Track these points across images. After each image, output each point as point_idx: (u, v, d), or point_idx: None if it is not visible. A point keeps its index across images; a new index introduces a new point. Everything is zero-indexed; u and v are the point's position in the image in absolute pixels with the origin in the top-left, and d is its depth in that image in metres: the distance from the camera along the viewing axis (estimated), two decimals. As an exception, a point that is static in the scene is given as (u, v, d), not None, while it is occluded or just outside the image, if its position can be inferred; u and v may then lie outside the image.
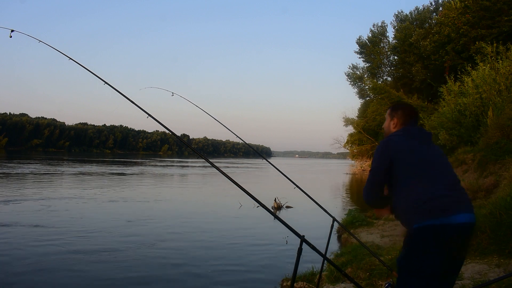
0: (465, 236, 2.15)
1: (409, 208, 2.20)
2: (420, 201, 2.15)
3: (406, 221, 2.25)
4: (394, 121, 2.55)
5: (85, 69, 3.70)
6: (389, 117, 2.60)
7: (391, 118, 2.58)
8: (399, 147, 2.31)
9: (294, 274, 2.60)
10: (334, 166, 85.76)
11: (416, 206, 2.15)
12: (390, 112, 2.61)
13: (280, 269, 6.50)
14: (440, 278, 2.16)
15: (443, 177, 2.24)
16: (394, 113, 2.57)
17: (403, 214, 2.27)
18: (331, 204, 15.17)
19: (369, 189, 2.37)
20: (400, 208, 2.27)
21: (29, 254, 7.07)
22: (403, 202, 2.24)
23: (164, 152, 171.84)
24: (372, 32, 38.03)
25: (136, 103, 3.30)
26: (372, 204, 2.43)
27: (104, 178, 26.16)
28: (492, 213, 4.91)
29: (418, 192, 2.17)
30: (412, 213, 2.17)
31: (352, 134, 47.05)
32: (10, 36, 3.90)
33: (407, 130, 2.43)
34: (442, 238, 2.08)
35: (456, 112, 13.55)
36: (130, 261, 6.94)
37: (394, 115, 2.56)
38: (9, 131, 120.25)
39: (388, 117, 2.61)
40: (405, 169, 2.24)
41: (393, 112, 2.59)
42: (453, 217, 2.09)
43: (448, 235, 2.09)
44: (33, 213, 11.17)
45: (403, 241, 2.28)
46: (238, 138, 5.00)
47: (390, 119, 2.58)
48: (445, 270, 2.15)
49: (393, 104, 2.68)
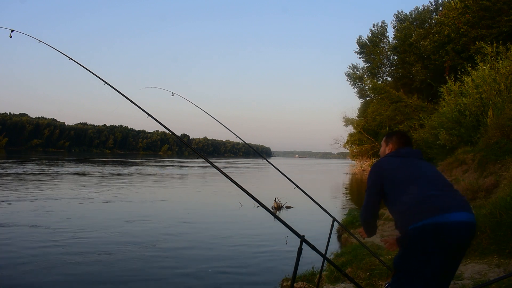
0: (464, 235, 2.14)
1: (404, 212, 2.24)
2: (413, 202, 2.19)
3: (401, 224, 2.28)
4: (389, 147, 2.69)
5: (85, 69, 3.70)
6: (385, 144, 2.75)
7: (386, 144, 2.73)
8: (389, 165, 2.47)
9: (294, 274, 2.60)
10: (334, 166, 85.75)
11: (410, 208, 2.20)
12: (385, 139, 2.77)
13: (280, 269, 6.49)
14: (439, 278, 2.17)
15: (435, 182, 2.31)
16: (389, 140, 2.72)
17: (399, 220, 2.30)
18: (331, 204, 15.17)
19: (365, 208, 2.51)
20: (397, 217, 2.33)
21: (24, 255, 7.06)
22: (398, 210, 2.31)
23: (164, 152, 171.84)
24: (372, 32, 38.06)
25: (136, 103, 3.30)
26: (368, 223, 2.55)
27: (102, 178, 26.16)
28: (492, 213, 4.91)
29: (412, 195, 2.23)
30: (407, 215, 2.21)
31: (352, 134, 47.07)
32: (10, 36, 3.91)
33: (398, 151, 2.60)
34: (439, 237, 2.09)
35: (456, 112, 13.55)
36: (130, 261, 6.94)
37: (389, 141, 2.71)
38: (9, 131, 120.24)
39: (384, 144, 2.76)
40: (395, 182, 2.36)
41: (388, 138, 2.75)
42: (447, 216, 2.10)
43: (445, 233, 2.09)
44: (27, 213, 11.14)
45: (397, 240, 2.30)
46: (238, 138, 5.01)
47: (386, 145, 2.73)
48: (445, 270, 2.16)
49: (387, 133, 2.84)
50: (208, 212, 13.25)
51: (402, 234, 2.25)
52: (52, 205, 12.63)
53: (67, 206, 12.80)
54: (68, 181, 22.21)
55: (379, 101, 35.57)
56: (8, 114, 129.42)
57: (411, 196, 2.24)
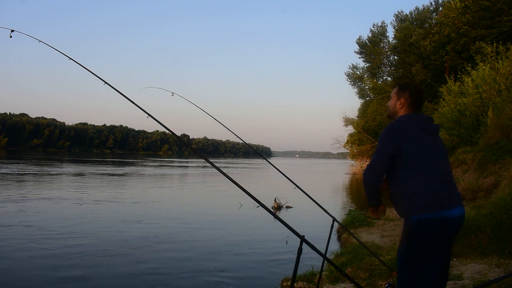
0: (459, 227, 2.28)
1: (408, 200, 2.25)
2: (420, 195, 2.21)
3: (403, 211, 2.31)
4: (401, 101, 2.52)
5: (85, 69, 3.70)
6: (396, 96, 2.56)
7: (398, 97, 2.54)
8: (409, 136, 2.31)
9: (294, 274, 2.60)
10: (334, 166, 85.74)
11: (416, 199, 2.22)
12: (397, 91, 2.57)
13: (280, 269, 6.50)
14: (442, 271, 2.25)
15: (442, 172, 2.31)
16: (402, 93, 2.53)
17: (401, 205, 2.32)
18: (331, 204, 15.16)
19: (372, 168, 2.37)
20: (399, 196, 2.33)
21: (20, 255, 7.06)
22: (403, 192, 2.29)
23: (164, 152, 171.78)
24: (372, 32, 38.04)
25: (136, 103, 3.30)
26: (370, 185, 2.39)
27: (102, 178, 26.15)
28: (492, 213, 4.91)
29: (419, 186, 2.23)
30: (411, 205, 2.23)
31: (352, 134, 47.05)
32: (10, 36, 3.91)
33: (418, 119, 2.41)
34: (441, 230, 2.19)
35: (456, 112, 13.54)
36: (130, 261, 6.94)
37: (402, 95, 2.52)
38: (9, 131, 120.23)
39: (395, 96, 2.57)
40: (410, 161, 2.27)
41: (400, 91, 2.55)
42: (449, 211, 2.20)
43: (446, 228, 2.20)
44: (19, 214, 11.14)
45: (402, 234, 2.32)
46: (238, 138, 5.00)
47: (397, 99, 2.55)
48: (445, 261, 2.26)
49: (400, 83, 2.64)
50: (208, 212, 13.24)
51: (405, 223, 2.29)
52: (47, 206, 12.63)
53: (62, 206, 12.79)
54: (67, 181, 22.21)
55: (379, 101, 35.58)
56: (8, 114, 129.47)
57: (420, 184, 2.23)
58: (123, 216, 11.40)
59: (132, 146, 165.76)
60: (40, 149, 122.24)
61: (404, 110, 2.51)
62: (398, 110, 2.54)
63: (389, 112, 2.62)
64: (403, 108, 2.51)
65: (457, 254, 4.81)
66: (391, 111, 2.60)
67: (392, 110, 2.59)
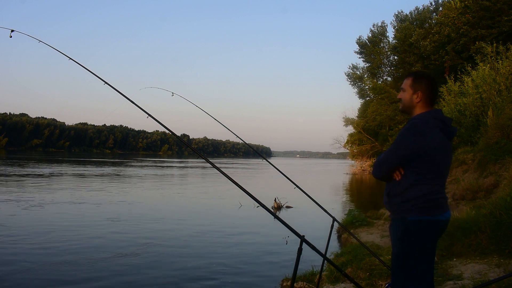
0: (444, 231, 2.35)
1: (409, 201, 2.23)
2: (423, 198, 2.22)
3: (400, 210, 2.28)
4: (419, 95, 2.29)
5: (85, 69, 3.70)
6: (411, 89, 2.33)
7: (414, 90, 2.31)
8: (430, 140, 2.17)
9: (294, 274, 2.60)
10: (334, 166, 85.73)
11: (418, 201, 2.22)
12: (412, 83, 2.33)
13: (280, 269, 6.49)
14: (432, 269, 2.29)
15: (445, 178, 2.34)
16: (418, 85, 2.30)
17: (400, 203, 2.27)
18: (331, 204, 15.15)
19: (380, 166, 2.30)
20: (400, 195, 2.26)
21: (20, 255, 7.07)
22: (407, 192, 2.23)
23: (164, 152, 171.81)
24: (372, 32, 38.08)
25: (136, 103, 3.30)
26: (378, 178, 2.36)
27: (102, 179, 26.15)
28: (492, 213, 4.91)
29: (425, 190, 2.22)
30: (412, 205, 2.23)
31: (352, 134, 47.09)
32: (10, 36, 3.91)
33: (441, 120, 2.25)
34: (436, 233, 2.26)
35: (456, 112, 13.55)
36: (130, 261, 6.93)
37: (418, 88, 2.30)
38: (9, 131, 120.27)
39: (410, 89, 2.33)
40: (425, 166, 2.20)
41: (416, 83, 2.31)
42: (444, 214, 2.26)
43: (439, 230, 2.27)
44: (19, 214, 11.15)
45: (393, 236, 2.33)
46: (238, 138, 5.00)
47: (413, 92, 2.31)
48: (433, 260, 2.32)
49: (414, 73, 2.39)
50: (208, 212, 13.23)
51: (397, 223, 2.30)
52: (47, 205, 12.63)
53: (62, 206, 12.79)
54: (67, 182, 22.21)
55: (379, 101, 35.59)
56: (8, 114, 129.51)
57: (428, 188, 2.21)
58: (123, 216, 11.39)
59: (132, 146, 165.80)
60: (40, 149, 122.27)
61: (422, 105, 2.30)
62: (415, 105, 2.32)
63: (403, 106, 2.39)
64: (421, 102, 2.30)
65: (457, 254, 4.81)
66: (406, 106, 2.36)
67: (408, 105, 2.35)
